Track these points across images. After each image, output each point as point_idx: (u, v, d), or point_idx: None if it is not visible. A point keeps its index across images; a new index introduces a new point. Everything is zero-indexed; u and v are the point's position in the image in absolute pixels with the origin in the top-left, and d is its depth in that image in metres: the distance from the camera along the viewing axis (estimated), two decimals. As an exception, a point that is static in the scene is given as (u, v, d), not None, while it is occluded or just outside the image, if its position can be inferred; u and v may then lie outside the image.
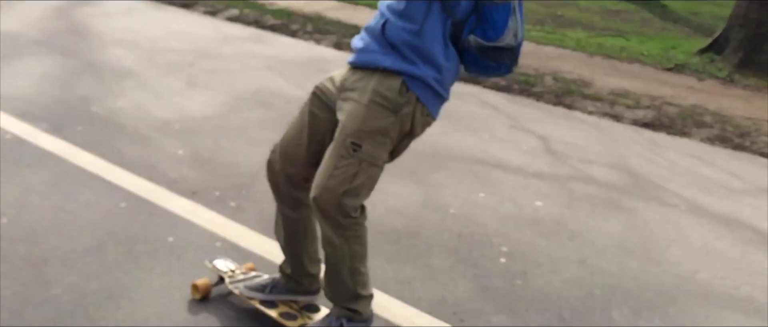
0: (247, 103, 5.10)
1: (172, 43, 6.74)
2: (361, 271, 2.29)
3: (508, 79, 6.86)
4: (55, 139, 3.93)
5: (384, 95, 2.08)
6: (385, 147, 2.14)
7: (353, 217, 2.19)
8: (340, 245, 2.21)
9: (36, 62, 5.41)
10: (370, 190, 2.21)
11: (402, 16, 2.08)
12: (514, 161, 4.54)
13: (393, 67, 2.08)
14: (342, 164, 2.11)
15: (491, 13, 2.06)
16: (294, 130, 2.32)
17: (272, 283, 2.54)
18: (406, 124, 2.13)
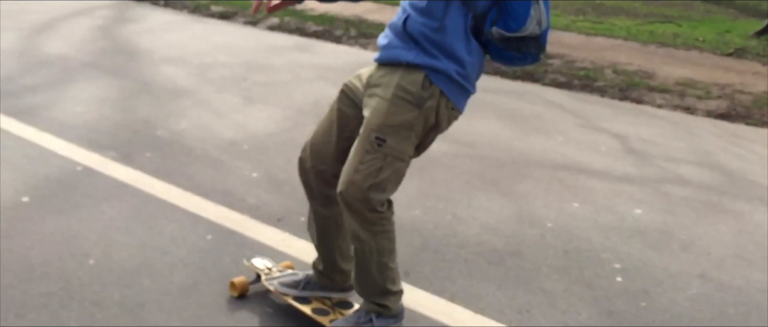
0: (309, 116, 4.93)
1: (220, 56, 6.61)
2: (389, 266, 2.28)
3: (567, 74, 6.63)
4: (127, 168, 3.78)
5: (407, 90, 2.08)
6: (409, 141, 2.13)
7: (380, 211, 2.19)
8: (367, 240, 2.21)
9: (91, 86, 5.29)
10: (396, 184, 2.20)
11: (423, 13, 2.07)
12: (597, 164, 4.32)
13: (415, 62, 2.08)
14: (367, 159, 2.11)
15: (512, 4, 2.03)
16: (323, 127, 2.35)
17: (306, 280, 2.56)
18: (431, 117, 2.12)
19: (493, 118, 5.17)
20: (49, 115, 4.54)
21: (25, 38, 6.76)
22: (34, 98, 4.86)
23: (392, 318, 2.33)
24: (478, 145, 4.54)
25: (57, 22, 7.71)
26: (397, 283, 2.33)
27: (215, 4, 9.61)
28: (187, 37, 7.46)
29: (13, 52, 6.17)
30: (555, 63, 7.10)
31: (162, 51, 6.67)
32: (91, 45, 6.73)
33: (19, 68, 5.63)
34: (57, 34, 7.07)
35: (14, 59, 5.91)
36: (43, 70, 5.63)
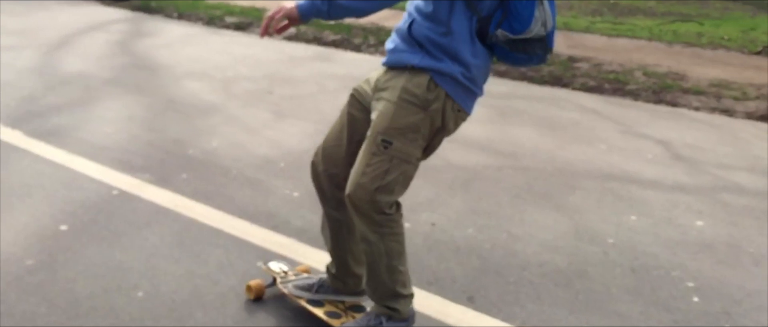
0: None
1: (241, 69, 6.48)
2: (399, 269, 2.28)
3: (596, 78, 6.49)
4: (164, 191, 3.65)
5: (413, 92, 2.10)
6: (416, 143, 2.14)
7: (387, 213, 2.20)
8: (375, 242, 2.22)
9: (116, 104, 5.16)
10: (404, 186, 2.21)
11: (429, 18, 2.08)
12: (647, 173, 4.17)
13: (421, 65, 2.09)
14: (374, 161, 2.13)
15: (516, 6, 2.04)
16: (335, 131, 2.38)
17: (319, 283, 2.58)
18: (437, 119, 2.13)
19: (531, 126, 5.02)
20: (77, 136, 4.40)
21: (43, 56, 6.64)
22: (59, 119, 4.73)
23: (402, 321, 2.33)
24: (520, 155, 4.39)
25: (73, 39, 7.59)
26: (407, 287, 2.33)
27: (229, 15, 9.49)
28: (206, 51, 7.33)
29: (33, 70, 6.05)
30: (582, 66, 6.95)
31: (183, 65, 6.54)
32: (111, 61, 6.60)
33: (41, 87, 5.50)
34: (75, 51, 6.95)
35: (35, 78, 5.79)
36: (66, 89, 5.51)
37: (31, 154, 4.07)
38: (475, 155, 4.37)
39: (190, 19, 9.47)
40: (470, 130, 4.84)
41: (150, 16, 9.62)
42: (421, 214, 3.48)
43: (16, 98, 5.16)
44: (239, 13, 9.63)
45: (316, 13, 2.12)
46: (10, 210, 3.32)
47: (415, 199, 3.63)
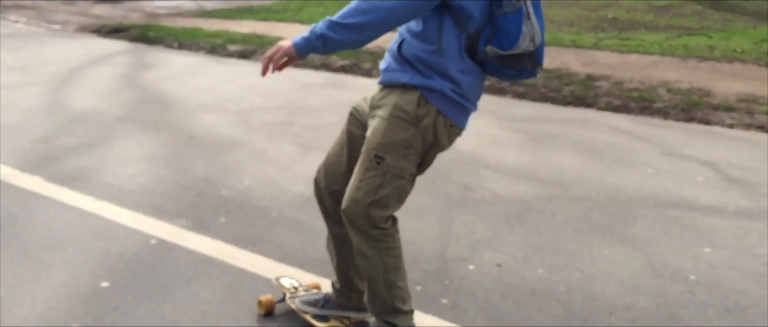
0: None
1: (256, 100, 6.27)
2: (397, 284, 2.31)
3: (620, 97, 6.34)
4: (204, 237, 3.41)
5: (404, 109, 2.15)
6: (409, 159, 2.19)
7: (382, 228, 2.24)
8: (372, 257, 2.26)
9: (134, 143, 4.92)
10: (398, 201, 2.25)
11: (418, 37, 2.13)
12: (705, 199, 3.98)
13: (411, 82, 2.15)
14: (367, 176, 2.19)
15: (503, 23, 2.07)
16: (335, 148, 2.46)
17: (325, 299, 2.64)
18: (429, 135, 2.18)
19: (568, 151, 4.83)
20: (101, 179, 4.16)
21: (49, 93, 6.39)
22: (78, 161, 4.49)
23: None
24: (568, 184, 4.20)
25: (77, 73, 7.35)
26: (406, 303, 2.35)
27: (231, 43, 9.29)
28: (215, 81, 7.11)
29: (42, 109, 5.81)
30: (603, 85, 6.79)
31: (194, 98, 6.32)
32: (120, 96, 6.36)
33: (52, 127, 5.26)
34: (81, 87, 6.71)
35: (45, 117, 5.54)
36: (79, 128, 5.26)
37: (56, 201, 3.82)
38: (521, 185, 4.17)
39: (191, 48, 9.25)
40: (508, 157, 4.65)
41: (150, 47, 9.40)
42: (483, 254, 3.26)
43: (30, 140, 4.91)
44: (241, 40, 9.43)
45: (313, 50, 2.13)
46: (45, 267, 3.08)
47: (473, 237, 3.43)
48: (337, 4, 14.93)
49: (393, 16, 2.07)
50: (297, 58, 2.17)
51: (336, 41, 2.09)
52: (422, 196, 3.94)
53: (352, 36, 2.08)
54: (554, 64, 7.79)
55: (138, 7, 14.16)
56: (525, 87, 6.86)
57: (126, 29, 10.67)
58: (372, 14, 2.04)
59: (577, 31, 10.98)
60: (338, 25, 2.07)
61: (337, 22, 2.07)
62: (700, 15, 13.26)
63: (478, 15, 2.09)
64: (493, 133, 5.28)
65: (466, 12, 2.07)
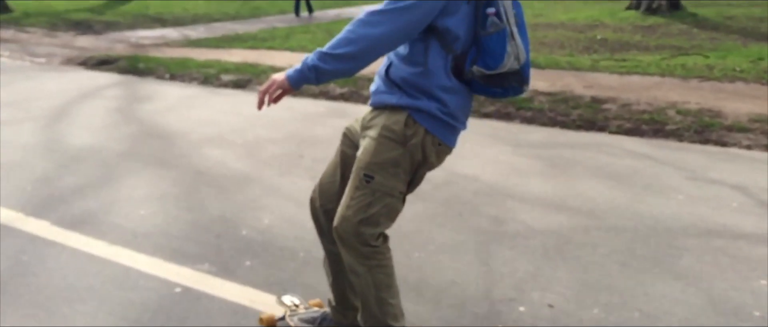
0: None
1: (260, 132, 6.07)
2: (389, 301, 2.35)
3: (630, 119, 6.23)
4: (232, 284, 3.21)
5: (392, 129, 2.20)
6: (398, 177, 2.24)
7: (373, 245, 2.29)
8: (363, 274, 2.31)
9: (141, 181, 4.70)
10: (388, 219, 2.29)
11: (405, 60, 2.19)
12: (746, 226, 3.85)
13: (399, 104, 2.20)
14: (357, 195, 2.24)
15: (488, 43, 2.12)
16: (330, 168, 2.52)
17: (322, 317, 2.71)
18: (417, 154, 2.23)
19: (592, 178, 4.69)
20: (112, 222, 3.95)
21: (44, 129, 6.16)
22: (85, 202, 4.27)
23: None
24: (600, 214, 4.05)
25: (70, 108, 7.11)
26: (399, 320, 2.39)
27: (225, 73, 9.11)
28: (214, 113, 6.92)
29: (39, 147, 5.57)
30: (611, 108, 6.69)
31: (196, 131, 6.11)
32: (118, 131, 6.14)
33: (53, 166, 5.03)
34: (77, 122, 6.48)
35: (43, 155, 5.31)
36: (81, 167, 5.04)
37: (68, 248, 3.60)
38: (553, 216, 4.01)
39: (183, 79, 9.05)
40: (533, 186, 4.50)
41: (141, 79, 9.18)
42: (532, 293, 3.09)
43: (31, 180, 4.68)
44: (234, 70, 9.25)
45: (306, 81, 2.17)
46: (66, 321, 2.86)
47: (516, 275, 3.26)
48: (324, 30, 14.81)
49: (381, 44, 2.10)
50: (291, 90, 2.21)
51: (327, 71, 2.13)
52: (453, 232, 3.77)
53: (342, 65, 2.12)
54: (556, 87, 7.70)
55: (122, 38, 13.94)
56: (532, 111, 6.74)
57: (113, 61, 10.45)
58: (360, 43, 2.08)
59: (571, 53, 10.93)
60: (328, 56, 2.11)
61: (327, 52, 2.12)
62: (686, 34, 13.30)
63: (464, 36, 2.14)
64: (510, 161, 5.13)
65: (451, 34, 2.12)
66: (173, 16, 18.76)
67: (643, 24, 15.06)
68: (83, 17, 18.32)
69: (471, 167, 4.97)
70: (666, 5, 16.58)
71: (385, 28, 2.07)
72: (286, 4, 23.00)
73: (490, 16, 2.12)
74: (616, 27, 14.75)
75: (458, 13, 2.11)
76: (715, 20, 15.20)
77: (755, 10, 17.34)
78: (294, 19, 17.88)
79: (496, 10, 2.12)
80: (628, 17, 16.18)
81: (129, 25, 16.72)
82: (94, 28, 15.95)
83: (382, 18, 2.07)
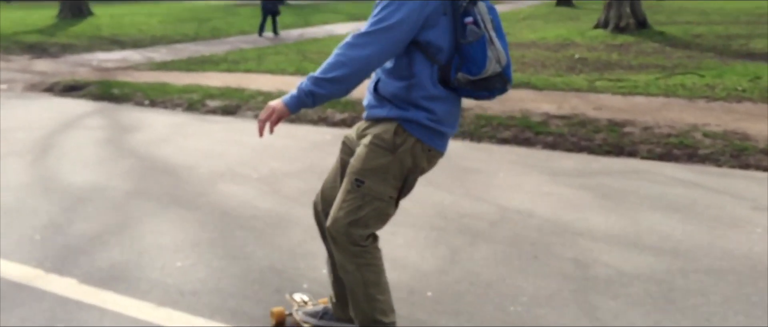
0: (450, 230, 4.02)
1: (272, 163, 5.63)
2: (377, 298, 2.47)
3: (657, 144, 6.01)
4: (319, 352, 2.76)
5: (382, 138, 2.33)
6: (387, 183, 2.36)
7: (362, 245, 2.42)
8: (352, 272, 2.44)
9: (164, 225, 4.21)
10: (378, 221, 2.41)
11: (392, 74, 2.31)
12: None
13: (389, 116, 2.33)
14: (349, 198, 2.38)
15: (469, 51, 2.24)
16: (331, 175, 2.66)
17: (324, 311, 2.86)
18: (407, 160, 2.35)
19: (651, 210, 4.40)
20: (148, 278, 3.45)
21: (33, 166, 5.58)
22: (109, 254, 3.76)
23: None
24: (686, 253, 3.73)
25: (53, 140, 6.52)
26: (388, 315, 2.50)
27: (209, 99, 8.61)
28: (212, 143, 6.42)
29: (34, 187, 5.00)
30: (633, 131, 6.44)
31: (201, 164, 5.62)
32: (116, 166, 5.60)
33: (57, 210, 4.48)
34: (66, 156, 5.90)
35: (42, 197, 4.75)
36: (89, 209, 4.50)
37: (108, 311, 3.11)
38: (637, 256, 3.68)
39: (165, 105, 8.50)
40: (595, 221, 4.19)
41: (118, 106, 8.60)
42: (665, 352, 2.73)
43: (37, 229, 4.14)
44: (219, 95, 8.75)
45: (303, 105, 2.28)
46: None
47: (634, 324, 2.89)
48: (295, 50, 14.37)
49: (369, 63, 2.21)
50: (288, 115, 2.32)
51: (323, 95, 2.25)
52: (539, 279, 3.41)
53: (336, 88, 2.24)
54: (564, 109, 7.44)
55: (82, 62, 13.25)
56: (552, 136, 6.45)
57: (82, 86, 9.83)
58: (350, 66, 2.20)
59: (558, 73, 10.75)
60: (323, 80, 2.23)
61: (321, 77, 2.23)
62: (661, 53, 13.30)
63: (446, 46, 2.26)
64: (555, 192, 4.80)
65: (434, 46, 2.25)
66: (130, 38, 18.06)
67: (614, 42, 15.06)
68: (35, 40, 17.48)
69: (519, 201, 4.62)
70: (634, 24, 16.67)
71: (372, 48, 2.19)
72: (245, 24, 22.49)
73: (469, 25, 2.24)
74: (589, 46, 14.71)
75: (438, 26, 2.24)
76: (684, 38, 15.31)
77: (717, 28, 17.60)
78: (258, 40, 17.39)
79: (473, 18, 2.25)
80: (597, 36, 16.19)
81: (85, 47, 15.99)
82: (49, 51, 15.18)
83: (369, 39, 2.19)
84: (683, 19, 21.19)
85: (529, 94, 8.47)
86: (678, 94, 8.25)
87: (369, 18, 2.24)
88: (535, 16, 24.56)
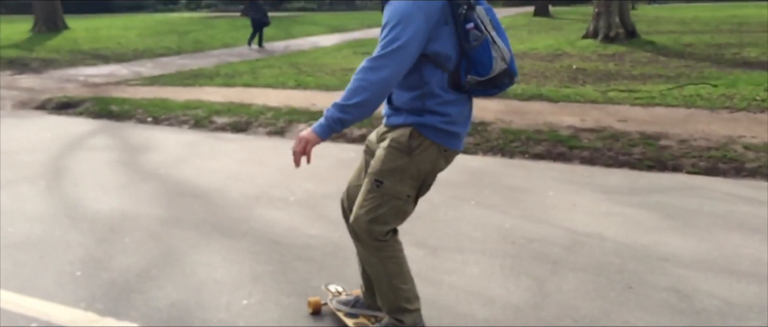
0: (524, 258, 3.75)
1: (307, 186, 5.33)
2: (400, 287, 2.61)
3: (701, 157, 5.84)
4: None
5: (399, 141, 2.48)
6: (404, 183, 2.50)
7: (383, 240, 2.55)
8: (375, 264, 2.59)
9: (214, 258, 3.88)
10: (397, 218, 2.54)
11: (405, 87, 2.46)
12: None
13: (405, 123, 2.48)
14: (369, 197, 2.53)
15: (475, 55, 2.37)
16: (355, 174, 2.80)
17: (356, 300, 3.01)
18: (424, 162, 2.49)
19: (730, 232, 4.18)
20: (217, 319, 3.13)
21: (49, 193, 5.19)
22: (165, 292, 3.42)
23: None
24: (787, 277, 3.50)
25: (62, 163, 6.14)
26: (412, 302, 2.66)
27: (216, 115, 8.26)
28: (234, 163, 6.10)
29: (58, 216, 4.63)
30: (670, 145, 6.25)
31: (232, 187, 5.29)
32: (138, 190, 5.25)
33: (91, 242, 4.13)
34: (82, 181, 5.53)
35: (70, 228, 4.38)
36: (126, 240, 4.15)
37: (186, 362, 2.76)
38: (737, 284, 3.45)
39: (170, 122, 8.14)
40: (675, 245, 3.97)
41: (120, 124, 8.21)
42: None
43: (75, 263, 3.78)
44: (225, 111, 8.40)
45: (333, 131, 2.39)
46: None
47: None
48: (288, 63, 14.05)
49: (388, 84, 2.32)
50: (320, 143, 2.43)
51: (350, 120, 2.37)
52: (647, 314, 3.16)
53: (360, 111, 2.35)
54: (589, 122, 7.23)
55: (69, 77, 12.78)
56: (588, 150, 6.23)
57: (76, 104, 9.43)
58: (371, 89, 2.31)
59: (564, 84, 10.57)
60: (347, 107, 2.34)
61: (345, 104, 2.33)
62: (658, 62, 13.22)
63: (453, 54, 2.40)
64: (616, 212, 4.57)
65: (442, 55, 2.39)
66: (112, 52, 17.59)
67: (606, 52, 14.98)
68: (14, 54, 16.91)
69: (583, 222, 4.38)
70: (624, 34, 16.63)
71: (389, 69, 2.30)
72: (226, 37, 22.10)
73: (471, 30, 2.35)
74: (582, 56, 14.60)
75: (442, 36, 2.36)
76: (676, 48, 15.28)
77: (704, 37, 17.66)
78: (244, 53, 17.02)
79: (474, 23, 2.35)
80: (588, 46, 16.10)
81: (68, 62, 15.49)
82: (31, 66, 14.67)
83: (384, 61, 2.30)
84: (665, 28, 21.29)
85: (545, 107, 8.26)
86: (697, 105, 8.09)
87: (378, 41, 2.35)
88: (516, 27, 24.52)
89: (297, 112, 8.16)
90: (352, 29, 26.36)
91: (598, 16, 16.79)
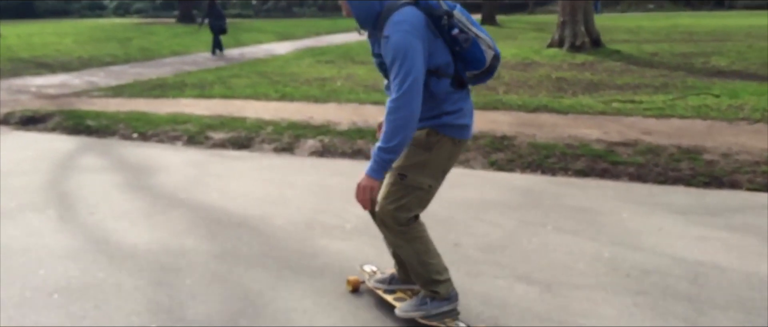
0: (655, 294, 3.36)
1: (356, 211, 4.81)
2: (429, 262, 2.89)
3: (758, 173, 5.58)
4: None
5: (418, 139, 2.75)
6: (425, 174, 2.77)
7: (406, 225, 2.81)
8: (404, 246, 2.87)
9: (306, 303, 3.34)
10: (420, 205, 2.83)
11: None
12: None
13: (422, 127, 2.74)
14: (393, 189, 2.78)
15: (468, 55, 2.68)
16: None
17: (391, 277, 3.30)
18: (442, 157, 2.78)
19: None
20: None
21: (66, 223, 4.54)
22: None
23: (445, 301, 2.93)
24: None
25: (62, 187, 5.45)
26: (442, 273, 2.92)
27: (210, 130, 7.63)
28: (257, 184, 5.55)
29: (91, 252, 3.99)
30: (715, 160, 5.99)
31: (273, 213, 4.75)
32: (168, 219, 4.63)
33: (148, 285, 3.53)
34: (98, 208, 4.87)
35: (114, 268, 3.76)
36: (187, 282, 3.57)
37: None
38: None
39: (160, 139, 7.46)
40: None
41: (104, 141, 7.49)
42: None
43: (142, 313, 3.20)
44: (218, 126, 7.78)
45: (384, 170, 2.63)
46: None
47: None
48: (252, 72, 13.38)
49: (415, 114, 2.54)
50: (379, 184, 2.68)
51: (396, 156, 2.59)
52: None
53: (403, 145, 2.57)
54: (614, 136, 6.93)
55: (19, 88, 11.83)
56: (634, 166, 5.92)
57: (44, 118, 8.60)
58: (406, 127, 2.54)
59: (555, 95, 10.34)
60: (392, 147, 2.56)
61: (390, 146, 2.55)
62: (631, 72, 13.16)
63: (450, 60, 2.65)
64: (709, 236, 4.26)
65: (442, 66, 2.64)
66: (55, 60, 16.53)
67: (575, 61, 14.88)
68: (-52, 63, 15.65)
69: (685, 249, 4.05)
70: (589, 42, 16.63)
71: (413, 102, 2.52)
72: (173, 44, 21.20)
73: (457, 36, 2.59)
74: (552, 65, 14.46)
75: (437, 49, 2.61)
76: (643, 57, 15.33)
77: (664, 46, 17.86)
78: (200, 62, 16.23)
79: (457, 28, 2.60)
80: (555, 55, 16.01)
81: (10, 71, 14.45)
82: (-28, 76, 13.54)
83: (407, 97, 2.51)
84: (619, 37, 21.49)
85: (557, 119, 7.94)
86: (712, 116, 7.92)
87: (391, 77, 2.56)
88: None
89: (298, 127, 7.61)
90: (300, 37, 25.76)
91: (564, 24, 16.72)
